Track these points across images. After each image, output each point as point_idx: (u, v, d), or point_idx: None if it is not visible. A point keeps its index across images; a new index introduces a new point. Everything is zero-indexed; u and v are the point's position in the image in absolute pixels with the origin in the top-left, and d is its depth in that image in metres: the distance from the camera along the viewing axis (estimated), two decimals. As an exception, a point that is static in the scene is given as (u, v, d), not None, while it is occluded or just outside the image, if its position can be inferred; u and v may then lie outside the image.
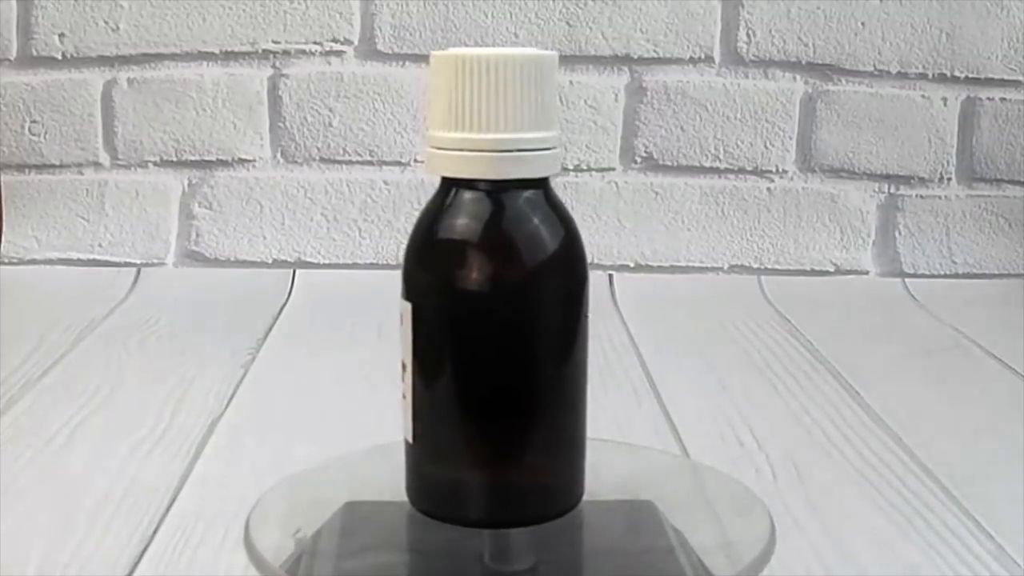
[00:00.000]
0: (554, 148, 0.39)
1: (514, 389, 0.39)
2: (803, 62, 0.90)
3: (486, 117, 0.38)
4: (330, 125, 0.89)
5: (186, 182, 0.90)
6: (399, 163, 0.90)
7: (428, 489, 0.41)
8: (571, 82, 0.89)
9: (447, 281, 0.39)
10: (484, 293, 0.39)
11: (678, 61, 0.90)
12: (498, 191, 0.39)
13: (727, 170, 0.92)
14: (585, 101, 0.90)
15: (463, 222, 0.39)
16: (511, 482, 0.40)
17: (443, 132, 0.39)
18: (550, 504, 0.41)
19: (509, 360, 0.39)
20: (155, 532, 0.45)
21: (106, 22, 0.87)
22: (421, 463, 0.41)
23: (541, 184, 0.40)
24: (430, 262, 0.40)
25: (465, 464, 0.40)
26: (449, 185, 0.40)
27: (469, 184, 0.39)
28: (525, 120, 0.38)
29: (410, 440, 0.41)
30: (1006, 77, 0.91)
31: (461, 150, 0.39)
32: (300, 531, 0.43)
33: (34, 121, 0.89)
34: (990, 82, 0.91)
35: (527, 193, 0.39)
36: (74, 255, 0.89)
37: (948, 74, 0.91)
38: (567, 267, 0.40)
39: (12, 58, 0.88)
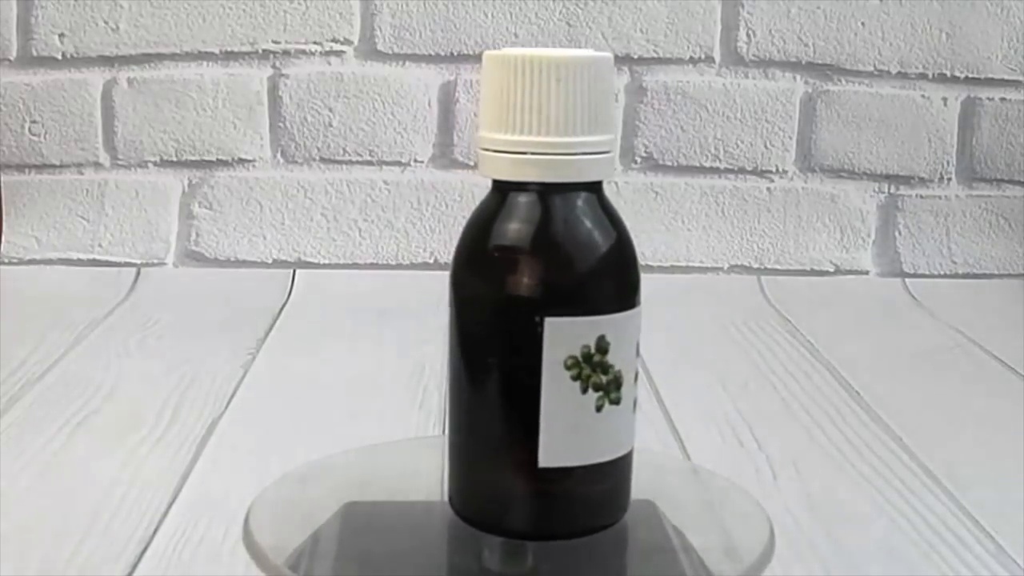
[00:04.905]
0: (609, 152, 0.39)
1: None
2: (803, 62, 0.90)
3: (540, 119, 0.37)
4: (330, 125, 0.89)
5: (186, 182, 0.90)
6: (399, 163, 0.90)
7: (472, 497, 0.41)
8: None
9: (498, 286, 0.38)
10: (536, 299, 0.38)
11: (678, 61, 0.90)
12: (551, 194, 0.38)
13: (727, 170, 0.92)
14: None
15: (515, 226, 0.38)
16: (557, 493, 0.40)
17: (495, 134, 0.38)
18: (596, 516, 0.40)
19: None
20: (155, 532, 0.45)
21: (106, 22, 0.87)
22: (466, 470, 0.41)
23: (594, 188, 0.39)
24: (481, 266, 0.39)
25: (511, 473, 0.39)
26: (501, 188, 0.39)
27: (521, 187, 0.38)
28: (580, 122, 0.38)
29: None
30: (1006, 77, 0.91)
31: (514, 152, 0.38)
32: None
33: (34, 121, 0.89)
34: (990, 82, 0.91)
35: (580, 197, 0.38)
36: (74, 255, 0.89)
37: (948, 74, 0.91)
38: (619, 272, 0.40)
39: (12, 58, 0.88)
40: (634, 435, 0.42)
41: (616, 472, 0.40)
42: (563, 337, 0.38)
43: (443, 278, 0.41)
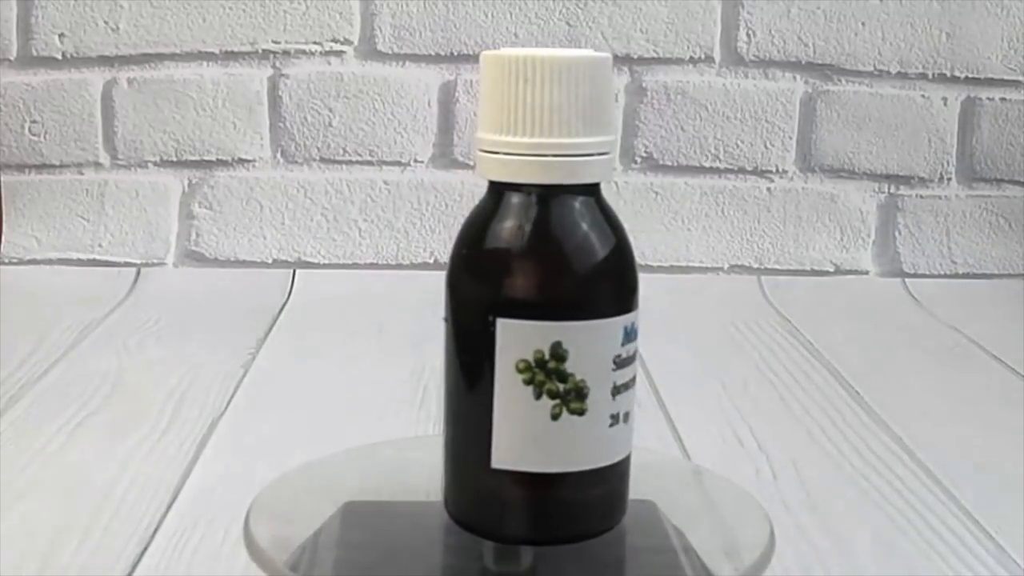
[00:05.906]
0: (607, 153, 0.38)
1: None
2: (803, 62, 0.90)
3: (538, 120, 0.37)
4: (330, 125, 0.89)
5: (186, 182, 0.90)
6: (399, 163, 0.90)
7: (462, 501, 0.41)
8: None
9: (493, 288, 0.38)
10: (531, 301, 0.38)
11: (678, 61, 0.90)
12: (548, 196, 0.38)
13: (727, 170, 0.92)
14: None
15: (511, 229, 0.38)
16: (554, 498, 0.40)
17: (493, 135, 0.38)
18: (594, 520, 0.40)
19: None
20: (155, 532, 0.45)
21: (106, 22, 0.87)
22: (461, 474, 0.40)
23: (592, 190, 0.39)
24: (476, 268, 0.39)
25: (506, 477, 0.39)
26: (498, 189, 0.39)
27: (518, 189, 0.38)
28: (578, 124, 0.37)
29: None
30: (1006, 77, 0.91)
31: (511, 154, 0.37)
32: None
33: (34, 121, 0.89)
34: (990, 82, 0.91)
35: (578, 200, 0.38)
36: (74, 255, 0.89)
37: (948, 74, 0.91)
38: (617, 276, 0.39)
39: (12, 58, 0.88)
40: (627, 446, 0.41)
41: (610, 479, 0.40)
42: (515, 339, 0.37)
43: (443, 278, 0.41)
